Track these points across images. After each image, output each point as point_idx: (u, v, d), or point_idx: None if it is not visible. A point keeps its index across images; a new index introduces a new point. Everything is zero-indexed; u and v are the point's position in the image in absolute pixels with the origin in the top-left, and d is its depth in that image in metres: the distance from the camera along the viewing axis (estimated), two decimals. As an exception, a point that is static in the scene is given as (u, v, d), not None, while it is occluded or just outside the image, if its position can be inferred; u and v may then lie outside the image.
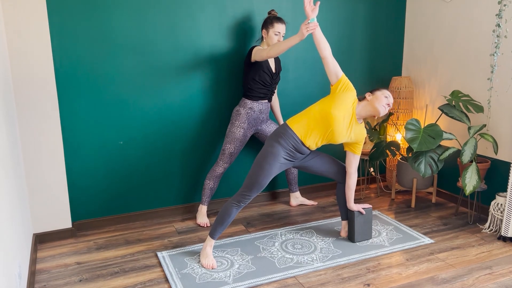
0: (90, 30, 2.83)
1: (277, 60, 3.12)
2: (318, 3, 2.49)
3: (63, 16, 2.75)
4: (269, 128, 3.18)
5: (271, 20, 2.98)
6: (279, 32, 2.97)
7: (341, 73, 2.58)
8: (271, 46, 2.80)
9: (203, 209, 3.16)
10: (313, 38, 2.55)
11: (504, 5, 2.94)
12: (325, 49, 2.54)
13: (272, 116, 3.46)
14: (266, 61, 3.00)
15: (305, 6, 2.46)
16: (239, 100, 3.32)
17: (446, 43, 3.48)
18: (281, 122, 3.36)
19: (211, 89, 3.24)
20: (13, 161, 2.34)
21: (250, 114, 3.04)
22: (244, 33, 3.26)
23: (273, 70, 3.06)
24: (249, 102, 3.04)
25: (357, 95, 2.68)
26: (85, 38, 2.83)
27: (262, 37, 3.04)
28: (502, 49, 3.01)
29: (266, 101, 3.09)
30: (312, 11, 2.47)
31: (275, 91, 3.23)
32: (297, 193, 3.51)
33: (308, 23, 2.46)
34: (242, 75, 3.29)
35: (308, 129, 2.55)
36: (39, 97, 2.71)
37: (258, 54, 2.89)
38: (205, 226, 3.13)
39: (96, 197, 3.07)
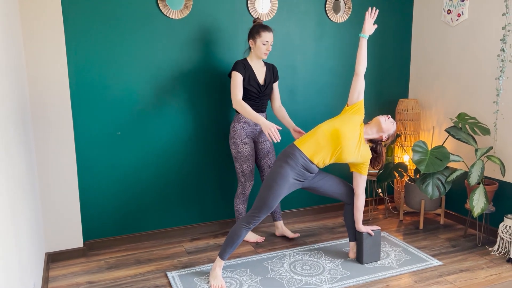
0: (105, 56, 2.93)
1: (269, 70, 3.00)
2: (376, 26, 2.69)
3: (79, 42, 2.85)
4: (263, 145, 3.10)
5: (257, 29, 2.85)
6: (267, 41, 2.84)
7: (362, 96, 2.68)
8: (241, 104, 2.76)
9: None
10: (359, 50, 2.67)
11: (508, 31, 3.00)
12: (363, 65, 2.68)
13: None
14: (252, 73, 2.90)
15: (366, 20, 2.66)
16: None
17: (452, 67, 3.54)
18: (293, 125, 3.11)
19: (222, 108, 3.31)
20: (29, 181, 2.41)
21: (245, 128, 3.00)
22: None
23: (261, 82, 2.95)
24: (242, 116, 2.98)
25: (364, 119, 2.75)
26: (100, 63, 2.93)
27: (250, 47, 2.93)
28: (507, 73, 3.06)
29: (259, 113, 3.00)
30: (370, 29, 2.67)
31: (277, 102, 3.09)
32: (280, 223, 3.30)
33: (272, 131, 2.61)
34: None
35: (317, 147, 2.60)
36: (55, 120, 2.80)
37: (232, 86, 2.84)
38: (260, 241, 3.20)
39: (107, 217, 3.12)
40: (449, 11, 3.52)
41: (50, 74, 2.74)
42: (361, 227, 2.82)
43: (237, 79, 2.86)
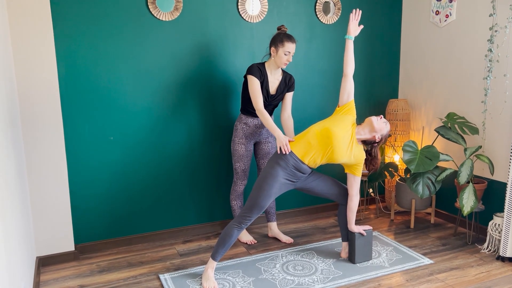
0: (95, 58, 2.92)
1: (284, 80, 2.95)
2: (362, 26, 2.71)
3: (69, 43, 2.84)
4: (265, 146, 3.12)
5: (281, 38, 2.77)
6: (289, 52, 2.77)
7: (352, 97, 2.70)
8: (262, 113, 2.74)
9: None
10: (345, 52, 2.70)
11: (495, 31, 3.04)
12: (351, 67, 2.70)
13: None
14: (266, 80, 2.87)
15: (350, 21, 2.69)
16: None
17: (441, 67, 3.58)
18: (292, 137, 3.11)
19: (213, 109, 3.31)
20: (19, 184, 2.39)
21: (245, 129, 3.02)
22: (243, 50, 3.35)
23: (272, 92, 2.92)
24: (244, 117, 3.02)
25: (356, 121, 2.76)
26: (90, 65, 2.91)
27: (270, 54, 2.85)
28: (495, 73, 3.11)
29: None
30: (355, 30, 2.69)
31: (286, 112, 3.01)
32: (274, 224, 3.30)
33: (285, 143, 2.62)
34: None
35: (308, 146, 2.61)
36: (45, 122, 2.78)
37: (251, 92, 2.80)
38: (251, 243, 3.18)
39: (99, 220, 3.10)
40: (437, 12, 3.56)
41: (39, 76, 2.72)
42: (353, 227, 2.83)
43: (255, 85, 2.80)
